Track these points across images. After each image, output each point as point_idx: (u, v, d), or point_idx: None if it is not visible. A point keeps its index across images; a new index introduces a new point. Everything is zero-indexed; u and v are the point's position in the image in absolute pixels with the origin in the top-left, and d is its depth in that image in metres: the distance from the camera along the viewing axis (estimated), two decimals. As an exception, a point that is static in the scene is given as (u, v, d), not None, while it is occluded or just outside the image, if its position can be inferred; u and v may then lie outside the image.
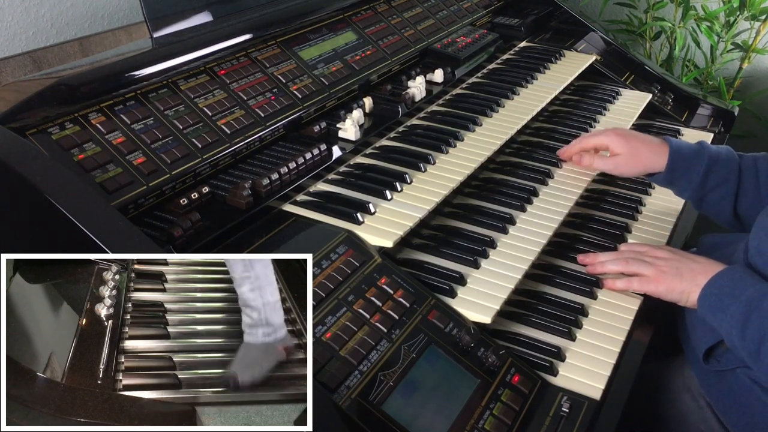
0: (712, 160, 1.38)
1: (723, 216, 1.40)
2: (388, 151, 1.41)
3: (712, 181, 1.38)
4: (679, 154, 1.40)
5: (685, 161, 1.40)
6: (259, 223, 1.15)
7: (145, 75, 1.17)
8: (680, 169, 1.40)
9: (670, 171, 1.41)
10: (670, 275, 1.21)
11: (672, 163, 1.40)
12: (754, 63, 2.49)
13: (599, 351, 1.13)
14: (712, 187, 1.38)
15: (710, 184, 1.38)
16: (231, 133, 1.22)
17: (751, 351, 1.06)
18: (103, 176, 1.04)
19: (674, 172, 1.41)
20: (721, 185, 1.37)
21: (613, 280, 1.27)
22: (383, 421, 0.91)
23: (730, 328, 1.09)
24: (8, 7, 1.58)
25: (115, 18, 1.82)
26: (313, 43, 1.50)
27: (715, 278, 1.16)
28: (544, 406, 1.03)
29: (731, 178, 1.37)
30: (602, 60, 2.04)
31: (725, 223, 1.42)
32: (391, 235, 1.15)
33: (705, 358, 1.20)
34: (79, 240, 0.88)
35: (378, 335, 1.01)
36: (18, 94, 1.08)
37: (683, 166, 1.40)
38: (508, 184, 1.44)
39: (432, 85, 1.64)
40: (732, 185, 1.37)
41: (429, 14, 1.85)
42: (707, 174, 1.38)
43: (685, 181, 1.40)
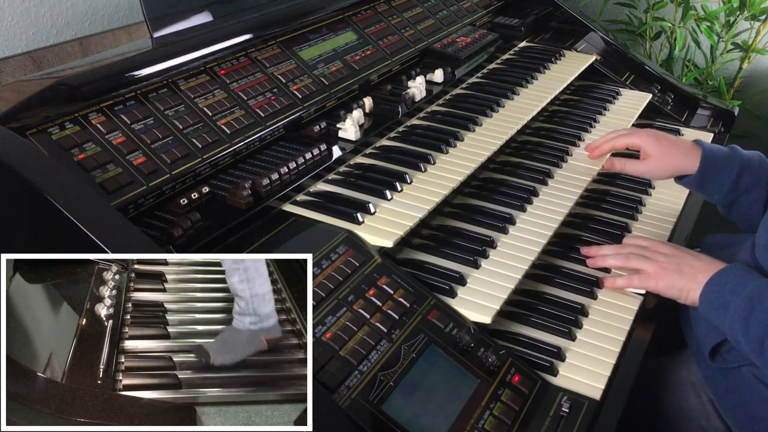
0: (744, 164, 1.37)
1: (752, 221, 1.38)
2: (388, 151, 1.41)
3: (743, 186, 1.37)
4: (712, 157, 1.39)
5: (717, 165, 1.39)
6: (259, 223, 1.15)
7: (145, 75, 1.17)
8: (712, 173, 1.39)
9: (701, 174, 1.40)
10: (670, 272, 1.21)
11: (704, 166, 1.39)
12: (754, 63, 2.49)
13: (599, 351, 1.13)
14: (743, 192, 1.37)
15: (741, 188, 1.37)
16: (231, 133, 1.22)
17: (755, 347, 1.07)
18: (103, 176, 1.04)
19: (706, 175, 1.40)
20: (752, 190, 1.37)
21: (613, 278, 1.27)
22: (383, 421, 0.91)
23: (733, 324, 1.09)
24: (8, 7, 1.58)
25: (115, 18, 1.82)
26: (313, 43, 1.50)
27: (716, 276, 1.16)
28: (544, 406, 1.03)
29: (762, 183, 1.36)
30: (602, 60, 2.04)
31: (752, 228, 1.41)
32: (391, 235, 1.15)
33: (711, 355, 1.20)
34: (79, 240, 0.88)
35: (378, 335, 1.01)
36: (18, 94, 1.08)
37: (715, 169, 1.39)
38: (508, 184, 1.44)
39: (432, 85, 1.64)
40: (763, 190, 1.36)
41: (429, 14, 1.85)
42: (738, 178, 1.37)
43: (717, 185, 1.39)
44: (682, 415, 1.26)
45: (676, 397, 1.28)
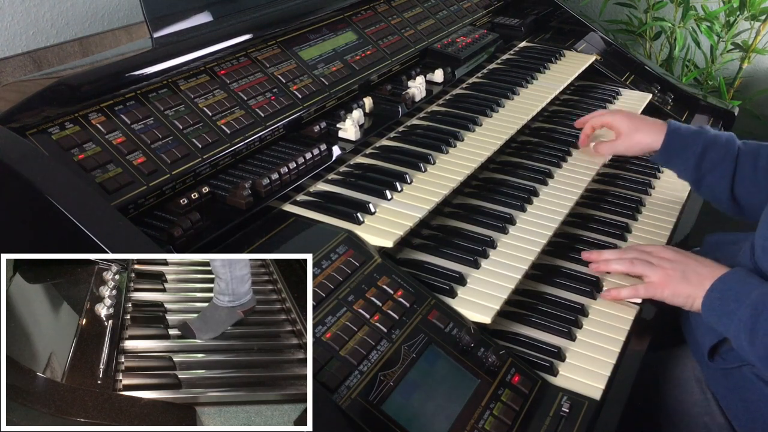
0: (709, 141, 1.40)
1: (720, 199, 1.41)
2: (388, 151, 1.41)
3: (709, 162, 1.40)
4: (677, 133, 1.44)
5: (682, 140, 1.43)
6: (259, 223, 1.15)
7: (145, 75, 1.17)
8: (677, 149, 1.44)
9: (665, 149, 1.45)
10: (675, 279, 1.20)
11: (668, 141, 1.44)
12: (754, 63, 2.49)
13: (599, 351, 1.13)
14: (709, 169, 1.40)
15: (707, 165, 1.40)
16: (231, 133, 1.22)
17: (761, 355, 1.06)
18: (103, 176, 1.04)
19: (670, 150, 1.45)
20: (718, 166, 1.39)
21: (617, 289, 1.24)
22: (383, 421, 0.91)
23: (738, 333, 1.08)
24: (8, 7, 1.59)
25: (115, 18, 1.82)
26: (313, 43, 1.50)
27: (717, 282, 1.15)
28: (544, 406, 1.03)
29: (728, 160, 1.38)
30: (602, 60, 2.04)
31: (723, 208, 1.43)
32: (391, 235, 1.15)
33: (710, 356, 1.20)
34: (79, 240, 0.88)
35: (378, 335, 1.01)
36: (18, 94, 1.08)
37: (680, 145, 1.43)
38: (508, 184, 1.44)
39: (432, 85, 1.64)
40: (728, 167, 1.38)
41: (429, 14, 1.85)
42: (703, 154, 1.40)
43: (681, 161, 1.44)
44: (685, 410, 1.26)
45: (679, 392, 1.27)
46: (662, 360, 1.32)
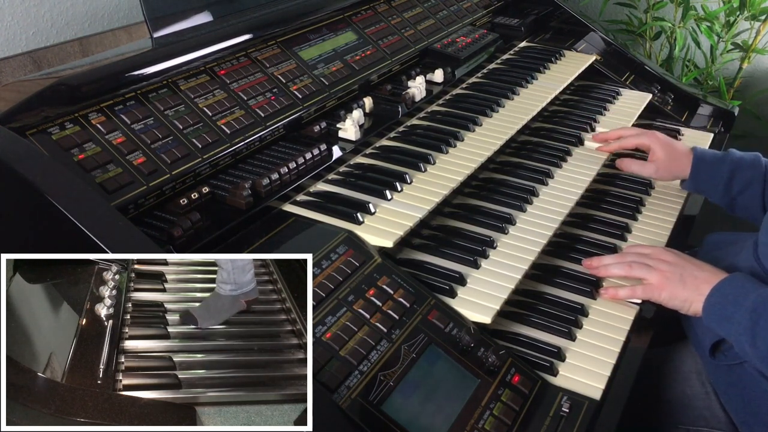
0: (734, 164, 1.42)
1: (756, 218, 1.41)
2: (388, 151, 1.41)
3: (737, 185, 1.42)
4: (703, 160, 1.47)
5: (709, 168, 1.46)
6: (259, 223, 1.15)
7: (145, 75, 1.17)
8: (704, 175, 1.46)
9: (693, 177, 1.48)
10: (673, 282, 1.20)
11: (695, 168, 1.47)
12: (754, 63, 2.49)
13: (599, 351, 1.13)
14: (739, 191, 1.42)
15: (736, 188, 1.42)
16: (231, 133, 1.22)
17: (763, 357, 1.07)
18: (103, 176, 1.04)
19: (698, 177, 1.47)
20: (748, 188, 1.41)
21: (615, 289, 1.25)
22: (383, 421, 0.91)
23: (739, 336, 1.09)
24: (8, 7, 1.59)
25: (115, 18, 1.82)
26: (313, 43, 1.50)
27: (716, 287, 1.15)
28: (544, 406, 1.03)
29: (756, 180, 1.40)
30: (602, 60, 2.04)
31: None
32: (391, 235, 1.15)
33: (712, 353, 1.20)
34: (79, 240, 0.88)
35: (378, 335, 1.01)
36: (18, 94, 1.08)
37: (707, 171, 1.46)
38: (508, 184, 1.44)
39: (432, 85, 1.64)
40: (758, 187, 1.40)
41: (429, 14, 1.85)
42: (731, 178, 1.42)
43: (710, 187, 1.46)
44: (685, 403, 1.26)
45: (680, 385, 1.28)
46: (663, 354, 1.33)
